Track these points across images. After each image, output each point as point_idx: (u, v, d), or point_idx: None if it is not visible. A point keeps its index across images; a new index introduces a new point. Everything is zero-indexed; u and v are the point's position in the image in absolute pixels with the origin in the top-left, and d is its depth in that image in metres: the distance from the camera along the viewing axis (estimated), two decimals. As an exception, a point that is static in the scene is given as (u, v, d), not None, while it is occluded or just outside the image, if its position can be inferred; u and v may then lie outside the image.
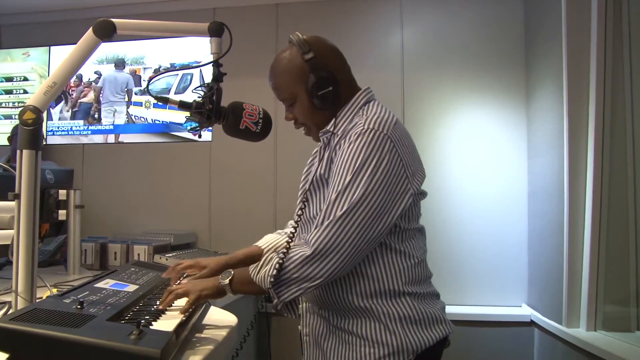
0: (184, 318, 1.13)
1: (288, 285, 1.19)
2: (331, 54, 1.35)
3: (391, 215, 1.22)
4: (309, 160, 1.56)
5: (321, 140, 1.39)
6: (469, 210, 2.82)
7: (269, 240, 1.60)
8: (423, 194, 1.34)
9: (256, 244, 1.60)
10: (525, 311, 2.66)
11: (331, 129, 1.33)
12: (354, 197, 1.17)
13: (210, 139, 3.18)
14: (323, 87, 1.29)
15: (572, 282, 2.15)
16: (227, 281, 1.25)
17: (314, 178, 1.32)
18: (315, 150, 1.58)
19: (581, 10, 2.14)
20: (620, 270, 2.04)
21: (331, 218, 1.17)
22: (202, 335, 1.25)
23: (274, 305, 1.26)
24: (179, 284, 1.39)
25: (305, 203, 1.34)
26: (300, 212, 1.35)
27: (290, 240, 1.27)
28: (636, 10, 2.02)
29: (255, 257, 1.54)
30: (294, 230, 1.31)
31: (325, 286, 1.28)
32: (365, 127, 1.22)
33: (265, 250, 1.56)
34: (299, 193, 1.54)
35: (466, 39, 2.90)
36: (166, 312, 1.20)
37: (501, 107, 2.85)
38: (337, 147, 1.27)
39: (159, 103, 3.03)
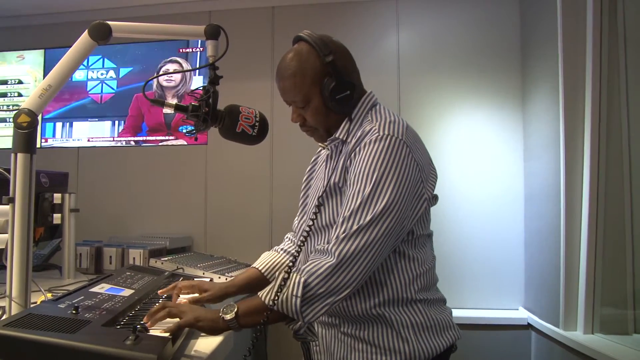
0: (170, 336, 1.03)
1: (312, 303, 1.13)
2: (347, 56, 1.33)
3: (411, 220, 1.22)
4: (308, 168, 1.54)
5: (328, 147, 1.36)
6: (465, 213, 2.81)
7: (266, 260, 1.54)
8: (435, 199, 1.33)
9: (253, 265, 1.54)
10: (522, 314, 2.66)
11: (340, 136, 1.30)
12: (378, 206, 1.14)
13: (206, 142, 3.17)
14: (341, 90, 1.26)
15: (569, 285, 2.14)
16: (231, 315, 1.14)
17: (328, 187, 1.28)
18: (315, 157, 1.55)
19: (577, 12, 2.14)
20: (617, 273, 2.04)
21: (354, 228, 1.14)
22: (198, 341, 1.23)
23: (295, 330, 1.21)
24: (179, 302, 1.35)
25: (317, 214, 1.30)
26: (311, 223, 1.31)
27: (299, 249, 1.25)
28: (632, 12, 2.02)
29: (255, 281, 1.50)
30: (304, 240, 1.29)
31: None
32: (381, 133, 1.20)
33: (265, 270, 1.51)
34: (301, 201, 1.50)
35: (462, 41, 2.90)
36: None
37: (497, 109, 2.85)
38: (352, 154, 1.24)
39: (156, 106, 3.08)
